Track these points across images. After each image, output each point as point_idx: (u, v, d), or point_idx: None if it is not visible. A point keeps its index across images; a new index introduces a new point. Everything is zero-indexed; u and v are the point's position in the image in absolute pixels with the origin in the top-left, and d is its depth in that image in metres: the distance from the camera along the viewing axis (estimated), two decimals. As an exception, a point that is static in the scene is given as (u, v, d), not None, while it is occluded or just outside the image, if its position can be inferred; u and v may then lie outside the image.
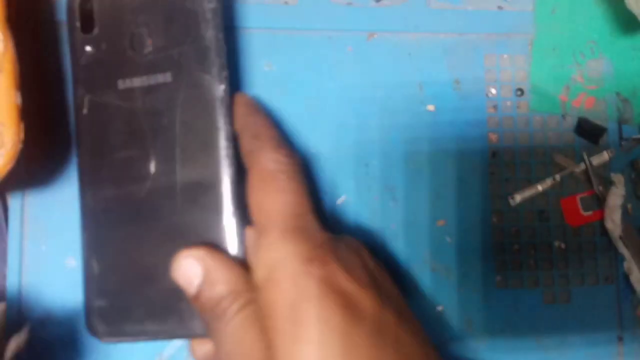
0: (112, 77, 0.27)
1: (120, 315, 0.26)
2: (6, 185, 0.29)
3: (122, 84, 0.27)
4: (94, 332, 0.26)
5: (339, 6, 0.33)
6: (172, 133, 0.27)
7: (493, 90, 0.34)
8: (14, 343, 0.27)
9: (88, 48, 0.27)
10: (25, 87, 0.25)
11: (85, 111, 0.27)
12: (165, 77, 0.27)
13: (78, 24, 0.27)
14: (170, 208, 0.27)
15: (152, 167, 0.27)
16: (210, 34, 0.27)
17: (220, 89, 0.27)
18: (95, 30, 0.27)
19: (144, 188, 0.27)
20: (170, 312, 0.26)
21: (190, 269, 0.22)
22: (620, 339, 0.34)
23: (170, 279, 0.25)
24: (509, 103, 0.34)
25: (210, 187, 0.26)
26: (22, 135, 0.25)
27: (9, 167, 0.24)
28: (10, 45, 0.25)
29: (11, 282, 0.29)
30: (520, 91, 0.34)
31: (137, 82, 0.27)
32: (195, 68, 0.27)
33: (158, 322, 0.26)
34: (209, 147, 0.26)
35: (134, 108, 0.27)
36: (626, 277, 0.34)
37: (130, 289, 0.26)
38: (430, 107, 0.33)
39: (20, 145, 0.25)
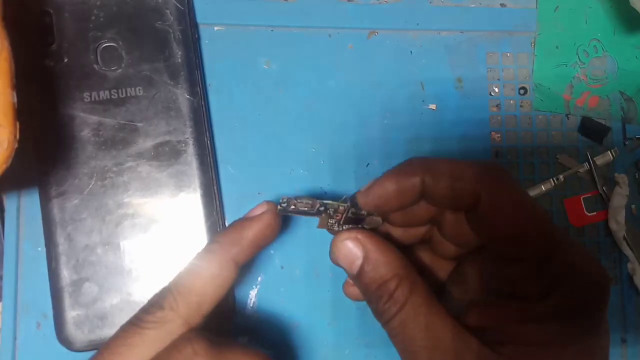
0: (76, 90, 0.27)
1: (99, 323, 0.26)
2: (2, 186, 0.29)
3: (89, 97, 0.27)
4: (69, 344, 0.26)
5: (340, 3, 0.32)
6: (143, 146, 0.28)
7: (496, 89, 0.34)
8: None
9: (47, 61, 0.27)
10: (18, 87, 0.25)
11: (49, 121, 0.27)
12: (135, 92, 0.27)
13: (36, 37, 0.27)
14: (146, 213, 0.28)
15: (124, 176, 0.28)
16: (182, 52, 0.28)
17: (193, 102, 0.28)
18: (55, 44, 0.27)
19: (115, 196, 0.27)
20: None
21: (350, 251, 0.22)
22: (624, 341, 0.33)
23: (153, 280, 0.27)
24: (512, 102, 0.34)
25: (184, 198, 0.28)
26: (18, 135, 0.24)
27: (5, 166, 0.24)
28: (6, 44, 0.24)
29: (7, 284, 0.28)
30: (524, 90, 0.34)
31: (104, 95, 0.27)
32: (167, 84, 0.28)
33: None
34: (181, 159, 0.28)
35: (101, 120, 0.27)
36: (630, 279, 0.33)
37: (109, 294, 0.27)
38: (432, 106, 0.33)
39: (16, 145, 0.24)
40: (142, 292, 0.27)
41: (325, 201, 0.23)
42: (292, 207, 0.22)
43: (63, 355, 0.27)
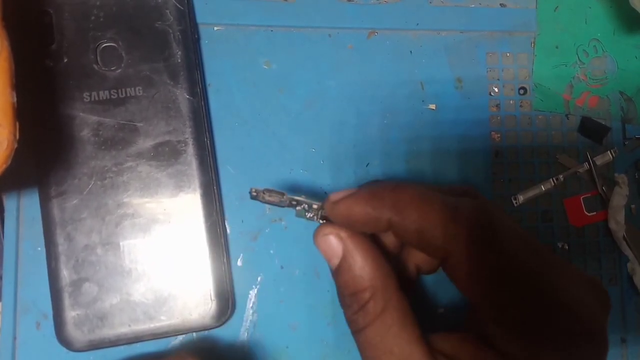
0: (76, 90, 0.27)
1: (98, 323, 0.26)
2: (2, 186, 0.29)
3: (88, 97, 0.27)
4: (68, 344, 0.27)
5: (339, 3, 0.32)
6: (142, 145, 0.28)
7: (495, 89, 0.34)
8: None
9: (47, 61, 0.27)
10: (18, 86, 0.25)
11: (49, 121, 0.27)
12: (134, 92, 0.27)
13: (36, 37, 0.27)
14: (146, 213, 0.28)
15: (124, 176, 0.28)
16: (182, 52, 0.28)
17: (192, 102, 0.28)
18: (55, 44, 0.27)
19: (115, 196, 0.27)
20: (153, 314, 0.27)
21: (331, 246, 0.22)
22: (623, 340, 0.33)
23: (153, 280, 0.27)
24: (511, 102, 0.34)
25: (184, 198, 0.28)
26: (18, 135, 0.24)
27: (4, 167, 0.24)
28: (6, 44, 0.24)
29: (7, 284, 0.28)
30: (523, 90, 0.34)
31: (104, 95, 0.27)
32: (166, 84, 0.28)
33: (140, 325, 0.26)
34: (181, 159, 0.28)
35: (101, 120, 0.27)
36: (630, 279, 0.33)
37: (108, 294, 0.27)
38: (432, 106, 0.33)
39: (16, 145, 0.24)
40: (142, 292, 0.27)
41: (297, 198, 0.22)
42: (261, 199, 0.22)
43: (63, 355, 0.27)
